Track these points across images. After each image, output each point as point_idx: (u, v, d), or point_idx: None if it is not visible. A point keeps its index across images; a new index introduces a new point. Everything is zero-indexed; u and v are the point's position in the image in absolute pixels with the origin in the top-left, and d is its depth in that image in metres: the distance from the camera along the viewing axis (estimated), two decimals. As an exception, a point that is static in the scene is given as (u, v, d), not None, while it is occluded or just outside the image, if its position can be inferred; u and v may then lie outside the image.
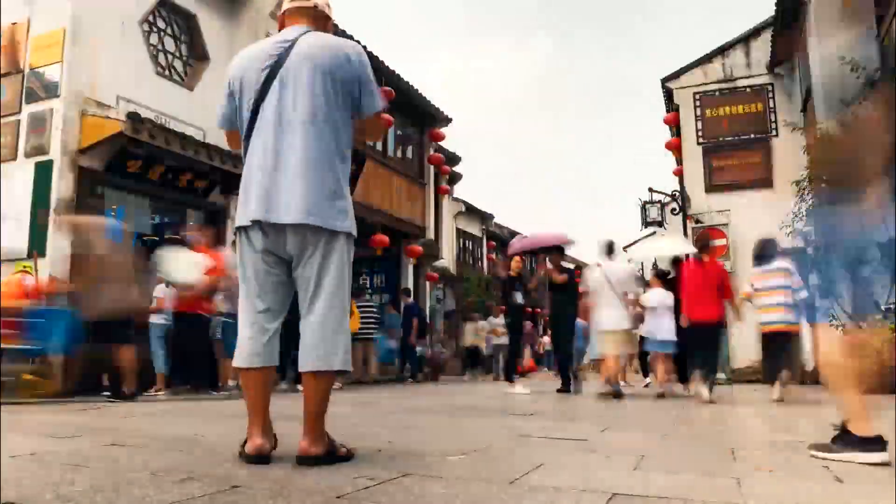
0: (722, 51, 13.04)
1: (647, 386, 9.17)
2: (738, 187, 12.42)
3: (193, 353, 6.66)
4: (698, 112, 12.97)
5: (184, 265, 6.45)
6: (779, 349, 6.52)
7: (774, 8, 9.95)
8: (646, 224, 15.15)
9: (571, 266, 34.73)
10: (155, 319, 7.08)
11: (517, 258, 9.25)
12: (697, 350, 6.60)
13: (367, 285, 14.44)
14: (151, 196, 8.55)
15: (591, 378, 11.23)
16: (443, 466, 2.36)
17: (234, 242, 3.10)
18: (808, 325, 6.24)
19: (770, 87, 12.48)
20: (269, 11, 9.67)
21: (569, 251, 10.90)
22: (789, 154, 11.12)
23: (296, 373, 8.08)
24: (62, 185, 7.13)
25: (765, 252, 6.51)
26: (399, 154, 14.30)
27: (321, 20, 2.68)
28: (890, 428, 3.76)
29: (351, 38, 11.16)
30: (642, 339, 8.31)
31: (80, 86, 7.41)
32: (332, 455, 2.33)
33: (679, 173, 13.55)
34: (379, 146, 13.25)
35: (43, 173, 7.18)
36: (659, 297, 7.68)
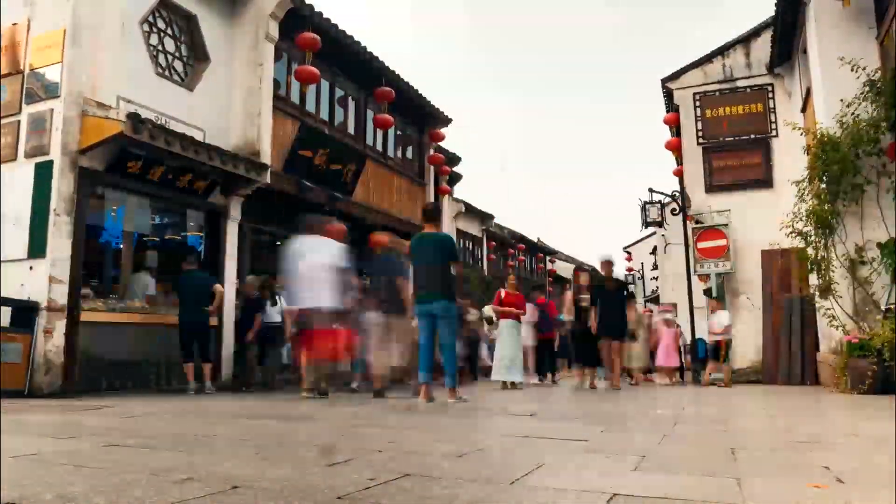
0: (722, 51, 13.03)
1: None
2: (738, 187, 12.42)
3: None
4: (698, 112, 12.96)
5: None
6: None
7: (774, 8, 9.94)
8: (646, 224, 15.17)
9: (572, 266, 34.79)
10: None
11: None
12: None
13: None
14: (151, 196, 8.55)
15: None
16: (443, 466, 2.36)
17: None
18: None
19: (770, 87, 12.47)
20: (270, 12, 9.67)
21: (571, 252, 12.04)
22: (789, 154, 11.12)
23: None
24: (62, 186, 7.13)
25: None
26: (399, 154, 14.31)
27: None
28: (890, 428, 3.76)
29: (364, 49, 11.16)
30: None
31: (80, 86, 7.41)
32: None
33: (679, 173, 13.54)
34: (379, 146, 13.26)
35: (43, 174, 7.18)
36: None
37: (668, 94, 13.79)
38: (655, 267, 25.12)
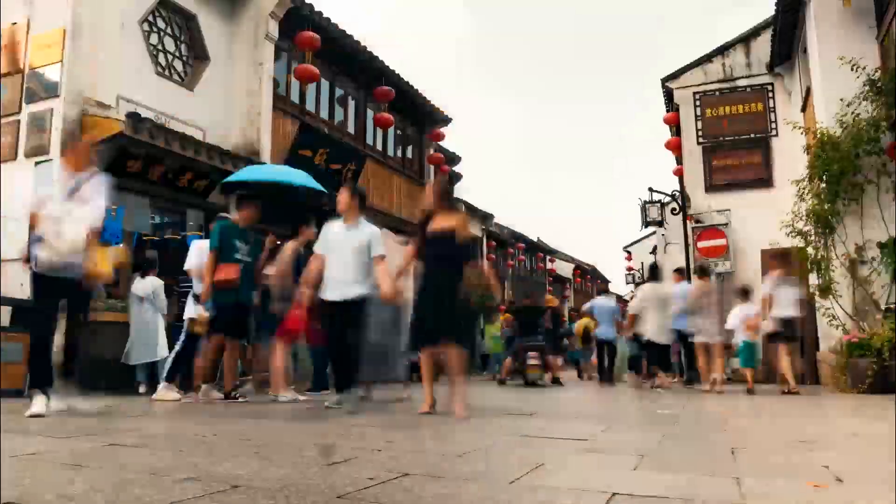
0: (722, 51, 13.02)
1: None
2: (738, 187, 12.42)
3: None
4: (698, 112, 12.95)
5: None
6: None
7: (774, 8, 9.95)
8: (646, 224, 15.17)
9: (571, 265, 34.42)
10: None
11: None
12: None
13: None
14: (151, 196, 8.54)
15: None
16: (443, 466, 2.36)
17: None
18: None
19: (770, 87, 12.46)
20: (269, 11, 9.67)
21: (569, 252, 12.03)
22: (789, 154, 11.12)
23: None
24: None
25: None
26: (399, 154, 14.31)
27: None
28: (890, 428, 3.76)
29: (364, 48, 11.16)
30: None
31: (80, 86, 7.41)
32: None
33: (679, 173, 13.54)
34: (379, 146, 13.25)
35: (43, 173, 7.17)
36: None
37: (669, 94, 13.78)
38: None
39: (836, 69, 8.02)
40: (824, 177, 8.07)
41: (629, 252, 31.54)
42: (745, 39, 12.90)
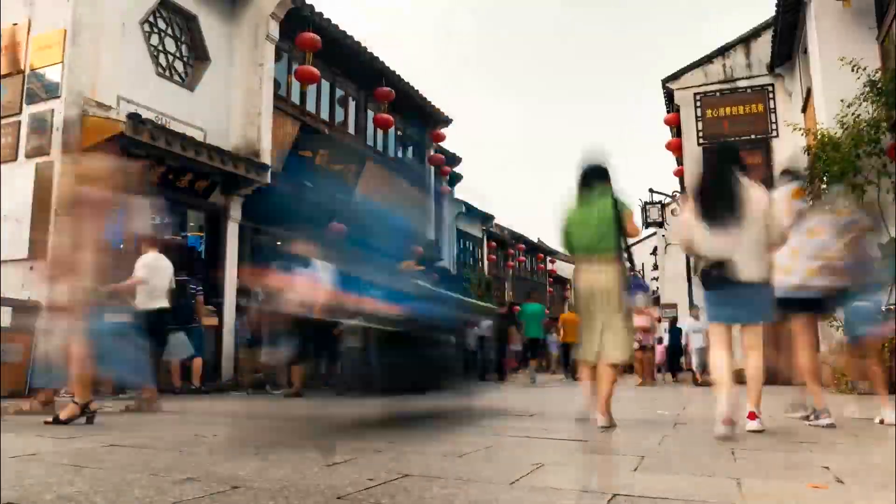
0: (722, 51, 13.03)
1: None
2: (738, 188, 12.42)
3: None
4: (699, 112, 12.96)
5: None
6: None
7: (774, 8, 9.95)
8: (646, 225, 15.19)
9: (572, 266, 34.84)
10: None
11: None
12: None
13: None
14: (151, 196, 8.54)
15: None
16: (443, 466, 2.36)
17: None
18: None
19: (770, 88, 12.47)
20: (270, 12, 9.67)
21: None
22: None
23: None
24: (63, 186, 7.12)
25: None
26: (399, 155, 14.31)
27: None
28: (890, 428, 3.76)
29: (364, 49, 11.17)
30: None
31: (80, 86, 7.41)
32: None
33: (679, 174, 13.55)
34: (380, 147, 13.26)
35: (44, 174, 7.18)
36: None
37: (669, 95, 13.79)
38: (656, 267, 25.13)
39: (837, 70, 8.01)
40: (825, 178, 8.06)
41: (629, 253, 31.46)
42: (746, 40, 12.91)
